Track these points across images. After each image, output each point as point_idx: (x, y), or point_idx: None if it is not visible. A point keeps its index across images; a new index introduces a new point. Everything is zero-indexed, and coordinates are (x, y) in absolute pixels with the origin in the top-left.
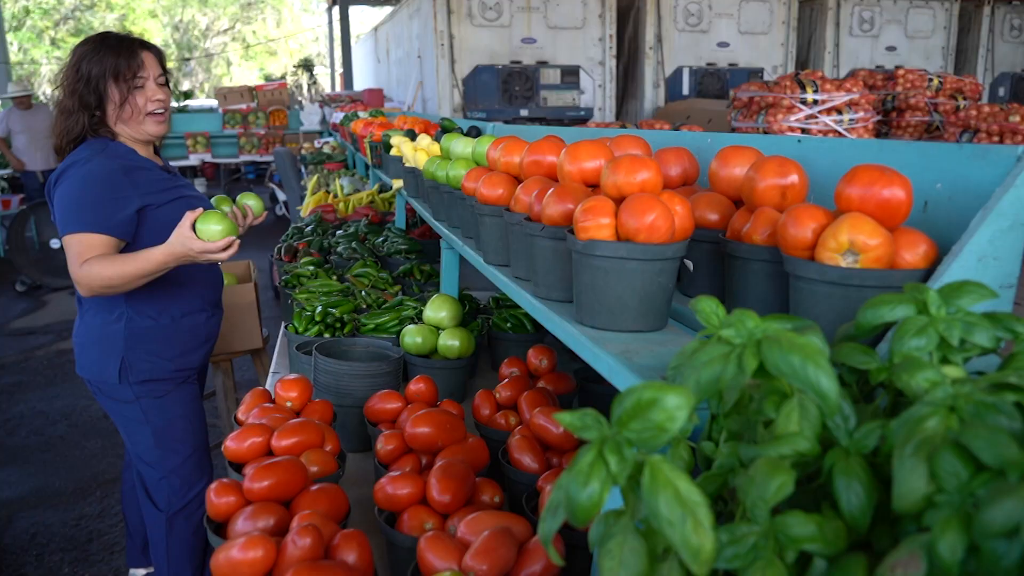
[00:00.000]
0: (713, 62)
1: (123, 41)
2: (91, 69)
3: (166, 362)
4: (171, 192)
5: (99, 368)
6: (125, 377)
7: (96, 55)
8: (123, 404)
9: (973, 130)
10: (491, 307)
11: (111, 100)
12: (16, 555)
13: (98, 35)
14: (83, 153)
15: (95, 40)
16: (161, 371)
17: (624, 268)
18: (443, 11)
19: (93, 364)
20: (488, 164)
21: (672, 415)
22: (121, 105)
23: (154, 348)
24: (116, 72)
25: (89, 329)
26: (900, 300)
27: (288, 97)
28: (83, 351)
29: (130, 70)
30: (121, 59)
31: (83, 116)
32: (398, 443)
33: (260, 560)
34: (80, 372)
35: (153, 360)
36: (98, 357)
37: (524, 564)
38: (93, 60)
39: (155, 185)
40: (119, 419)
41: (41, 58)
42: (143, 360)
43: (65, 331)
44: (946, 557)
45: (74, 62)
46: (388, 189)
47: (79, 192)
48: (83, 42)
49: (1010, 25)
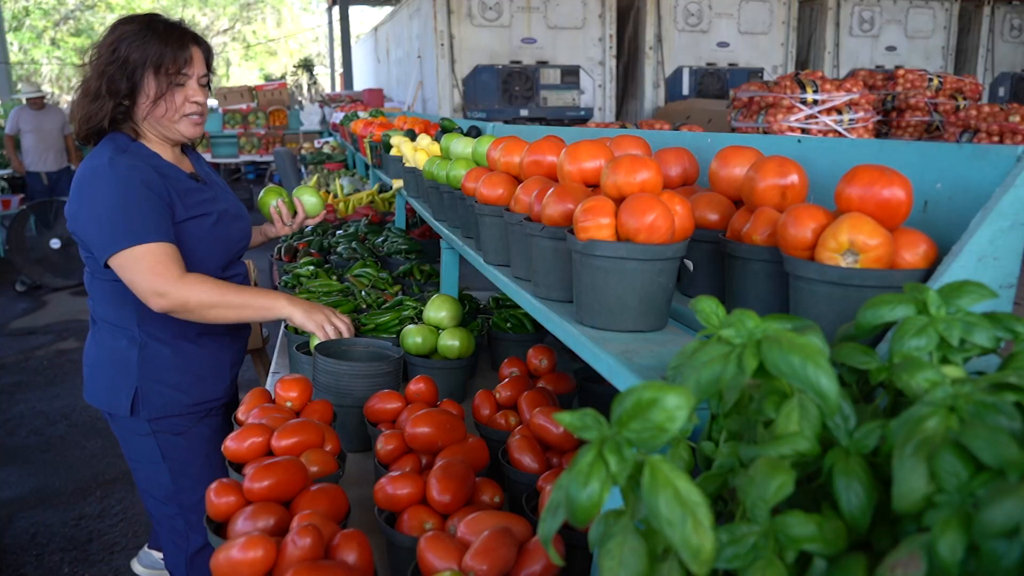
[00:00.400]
0: (713, 62)
1: (173, 29)
2: (130, 53)
3: (182, 395)
4: (199, 206)
5: (108, 398)
6: (138, 411)
7: (139, 39)
8: (138, 437)
9: (973, 130)
10: (491, 307)
11: (144, 92)
12: (16, 555)
13: (145, 15)
14: (105, 153)
15: (141, 21)
16: (178, 406)
17: (624, 268)
18: (443, 11)
19: (102, 392)
20: (488, 164)
21: (672, 415)
22: (156, 100)
23: (171, 379)
24: (159, 62)
25: (100, 351)
26: (900, 300)
27: (288, 97)
28: (93, 375)
29: (175, 64)
30: (168, 49)
31: (107, 103)
32: (398, 443)
33: (260, 560)
34: (88, 399)
35: (170, 393)
36: (108, 385)
37: (524, 564)
38: (135, 44)
39: (182, 197)
40: (131, 451)
41: (41, 58)
42: (158, 394)
43: (65, 331)
44: (946, 557)
45: (111, 41)
46: (388, 189)
47: (122, 197)
48: (126, 20)
49: (1010, 25)
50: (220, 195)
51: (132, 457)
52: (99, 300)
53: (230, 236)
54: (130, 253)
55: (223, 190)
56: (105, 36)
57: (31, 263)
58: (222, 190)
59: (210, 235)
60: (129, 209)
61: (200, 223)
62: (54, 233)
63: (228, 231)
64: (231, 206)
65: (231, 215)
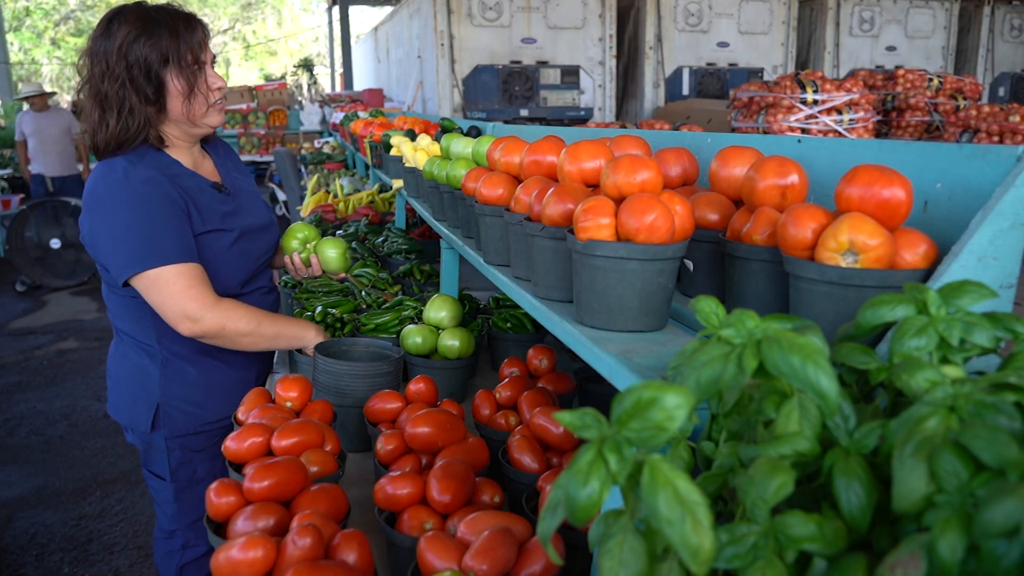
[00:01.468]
0: (713, 62)
1: (175, 17)
2: (146, 53)
3: (205, 412)
4: (219, 220)
5: (130, 413)
6: (159, 428)
7: (147, 36)
8: (155, 451)
9: (973, 130)
10: (491, 307)
11: (172, 91)
12: (16, 555)
13: (134, 10)
14: (119, 165)
15: (136, 16)
16: (198, 423)
17: (624, 268)
18: (443, 11)
19: (124, 406)
20: (488, 164)
21: (672, 414)
22: (189, 96)
23: (195, 397)
24: (179, 55)
25: (122, 365)
26: (900, 300)
27: (288, 97)
28: (116, 388)
29: (192, 52)
30: (182, 39)
31: (143, 111)
32: (398, 443)
33: (260, 560)
34: (110, 412)
35: (192, 411)
36: (130, 401)
37: (524, 564)
38: (146, 42)
39: (201, 208)
40: (146, 460)
41: (41, 58)
42: (180, 411)
43: (65, 331)
44: (946, 557)
45: (117, 46)
46: (388, 189)
47: (143, 215)
48: (117, 18)
49: (1010, 25)
50: (244, 205)
51: (146, 464)
52: (117, 314)
53: (252, 252)
54: (157, 274)
55: (248, 197)
56: (102, 41)
57: (31, 263)
58: (247, 198)
59: (228, 252)
60: (152, 227)
61: (218, 238)
62: (54, 233)
63: (250, 247)
64: (257, 217)
65: (255, 229)
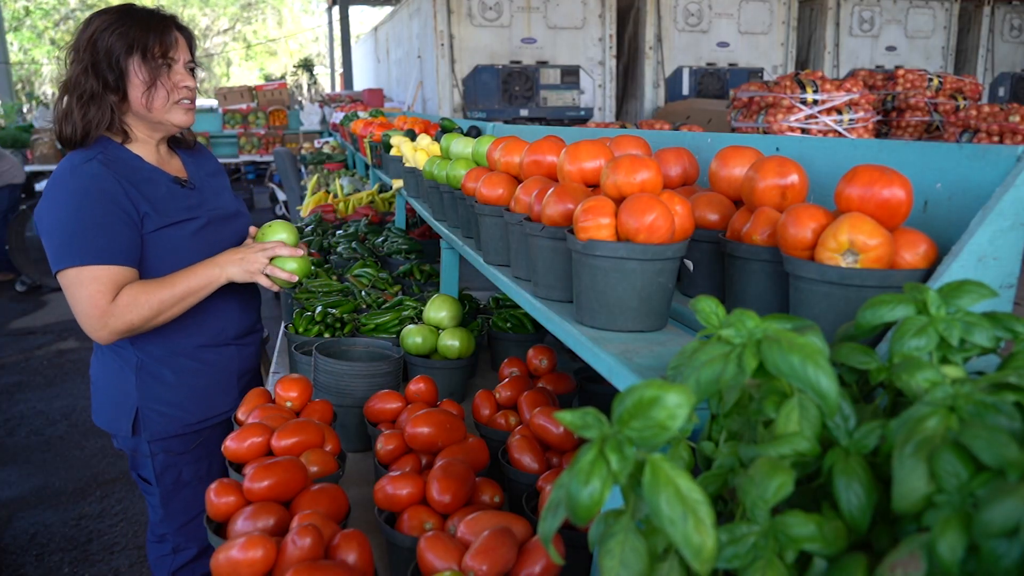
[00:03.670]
0: (713, 62)
1: (152, 15)
2: (112, 42)
3: (185, 414)
4: (180, 212)
5: (111, 419)
6: (139, 433)
7: (119, 27)
8: (140, 456)
9: (973, 130)
10: (491, 307)
11: (134, 81)
12: (16, 555)
13: (118, 6)
14: (77, 156)
15: (116, 11)
16: (179, 426)
17: (624, 268)
18: (443, 11)
19: (105, 412)
20: (488, 164)
21: (673, 413)
22: (149, 88)
23: (173, 399)
24: (144, 47)
25: (101, 370)
26: (900, 300)
27: (288, 97)
28: (97, 395)
29: (161, 47)
30: (151, 33)
31: (107, 100)
32: (398, 443)
33: (260, 560)
34: (95, 419)
35: (171, 413)
36: (111, 407)
37: (524, 564)
38: (115, 32)
39: (158, 204)
40: (134, 463)
41: (41, 58)
42: (159, 414)
43: (65, 331)
44: (946, 557)
45: (89, 36)
46: (388, 189)
47: (75, 211)
48: (99, 13)
49: (1010, 25)
50: (209, 198)
51: (133, 468)
52: None
53: (219, 239)
54: (77, 274)
55: (216, 191)
56: (80, 33)
57: (31, 263)
58: (214, 192)
59: (192, 241)
60: (82, 225)
61: (180, 229)
62: None
63: (217, 235)
64: (224, 207)
65: (223, 216)
